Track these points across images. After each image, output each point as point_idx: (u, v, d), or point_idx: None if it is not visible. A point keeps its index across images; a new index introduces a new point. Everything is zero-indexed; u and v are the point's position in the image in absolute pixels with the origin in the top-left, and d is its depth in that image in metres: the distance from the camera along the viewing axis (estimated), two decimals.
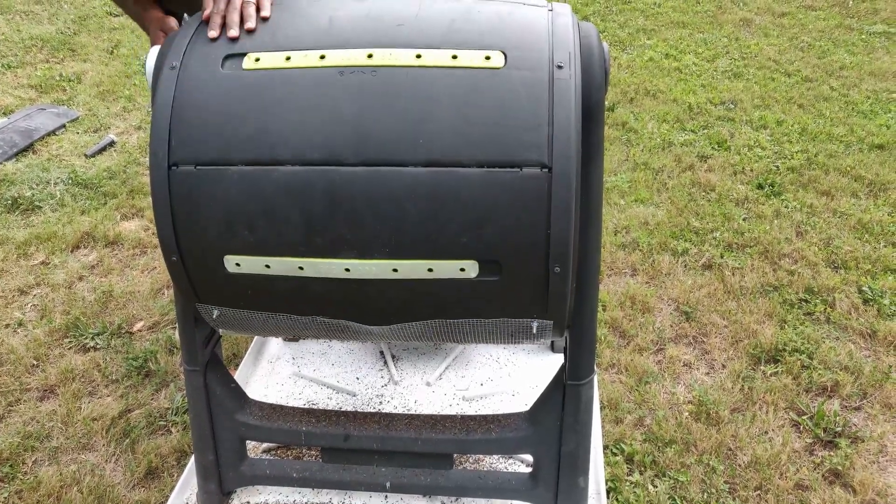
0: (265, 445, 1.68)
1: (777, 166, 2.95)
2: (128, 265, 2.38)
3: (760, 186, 2.79)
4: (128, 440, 1.72)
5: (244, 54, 1.14)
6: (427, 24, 1.15)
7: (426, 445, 1.42)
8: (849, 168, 2.89)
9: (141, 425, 1.76)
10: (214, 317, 1.31)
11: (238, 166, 1.11)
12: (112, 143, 3.16)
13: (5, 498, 1.59)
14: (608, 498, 1.50)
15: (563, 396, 1.35)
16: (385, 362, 1.95)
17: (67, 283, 2.28)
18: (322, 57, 1.12)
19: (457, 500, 1.55)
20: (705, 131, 3.29)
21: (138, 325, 2.12)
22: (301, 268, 1.17)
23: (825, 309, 2.09)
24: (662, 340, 2.00)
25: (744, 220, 2.57)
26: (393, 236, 1.13)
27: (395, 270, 1.15)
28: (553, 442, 1.39)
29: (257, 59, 1.13)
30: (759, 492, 1.53)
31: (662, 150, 3.11)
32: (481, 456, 1.65)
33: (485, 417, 1.45)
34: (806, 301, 2.13)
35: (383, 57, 1.11)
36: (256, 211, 1.13)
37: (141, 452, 1.68)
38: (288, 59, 1.12)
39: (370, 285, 1.19)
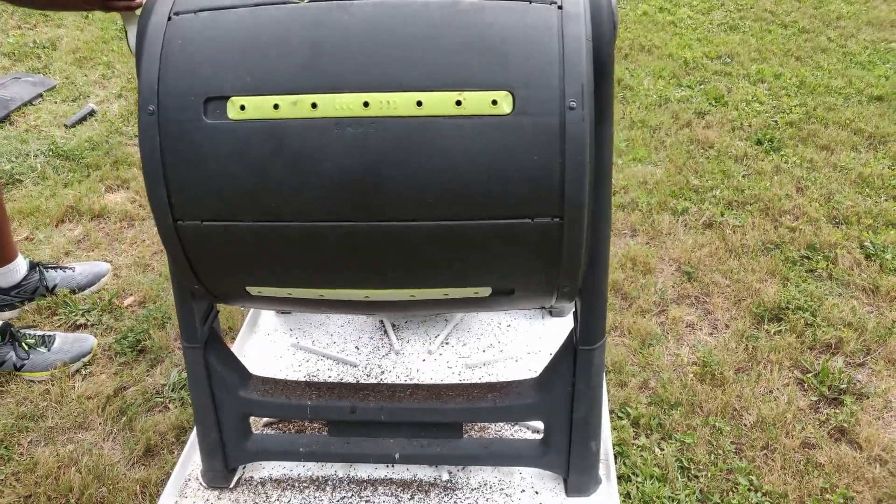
0: (265, 419, 1.65)
1: (776, 121, 2.90)
2: (115, 238, 2.32)
3: (759, 142, 2.75)
4: (125, 418, 1.68)
5: (226, 98, 1.05)
6: (424, 52, 1.04)
7: (434, 415, 1.40)
8: (848, 121, 2.85)
9: (137, 402, 1.72)
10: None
11: (244, 222, 1.09)
12: (92, 113, 3.05)
13: (1, 480, 1.55)
14: (616, 462, 1.49)
15: (574, 361, 1.33)
16: (385, 331, 1.92)
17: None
18: (314, 105, 1.04)
19: (463, 468, 1.53)
20: (702, 87, 3.23)
21: (128, 301, 2.06)
22: (322, 295, 1.21)
23: (827, 265, 2.07)
24: (665, 302, 1.98)
25: (743, 176, 2.53)
26: (410, 277, 1.15)
27: (412, 296, 1.19)
28: (564, 408, 1.37)
29: (242, 108, 1.05)
30: (765, 451, 1.52)
31: (659, 106, 3.05)
32: (486, 424, 1.64)
33: (493, 385, 1.42)
34: (808, 258, 2.11)
35: (381, 106, 1.03)
36: (272, 258, 1.13)
37: (139, 430, 1.65)
38: (276, 107, 1.04)
39: (388, 303, 1.25)
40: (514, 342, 1.86)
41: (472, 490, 1.48)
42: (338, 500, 1.47)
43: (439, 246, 1.11)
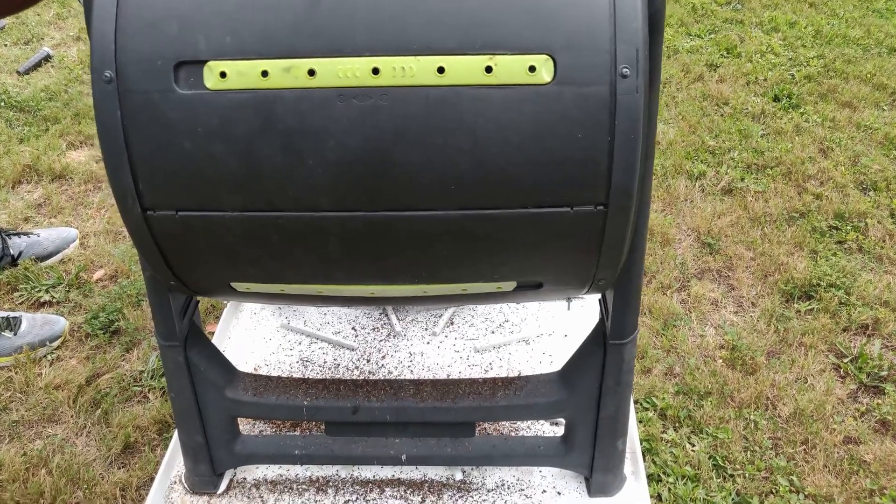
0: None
1: (792, 75, 2.72)
2: (80, 203, 2.11)
3: (777, 98, 2.57)
4: (99, 410, 1.52)
5: (203, 62, 0.85)
6: (448, 7, 0.85)
7: (447, 415, 1.25)
8: (869, 75, 2.68)
9: (113, 392, 1.56)
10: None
11: (229, 212, 0.90)
12: (48, 58, 2.78)
13: None
14: (644, 460, 1.36)
15: (604, 357, 1.18)
16: (384, 311, 1.76)
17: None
18: (311, 72, 0.84)
19: (476, 467, 1.40)
20: (713, 36, 3.03)
21: (98, 274, 1.88)
22: (320, 291, 1.04)
23: (857, 237, 1.93)
24: (686, 276, 1.84)
25: (762, 136, 2.37)
26: (422, 272, 0.99)
27: (424, 292, 1.04)
28: (590, 405, 1.23)
29: (223, 75, 0.84)
30: (804, 447, 1.41)
31: (668, 58, 2.85)
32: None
33: (511, 380, 1.28)
34: (836, 228, 1.97)
35: (394, 73, 0.84)
36: (261, 253, 0.95)
37: (116, 424, 1.49)
38: (265, 74, 0.84)
39: (396, 299, 1.11)
40: (525, 322, 1.72)
41: (489, 491, 1.35)
42: None
43: (460, 239, 0.94)
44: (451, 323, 1.72)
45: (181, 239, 0.96)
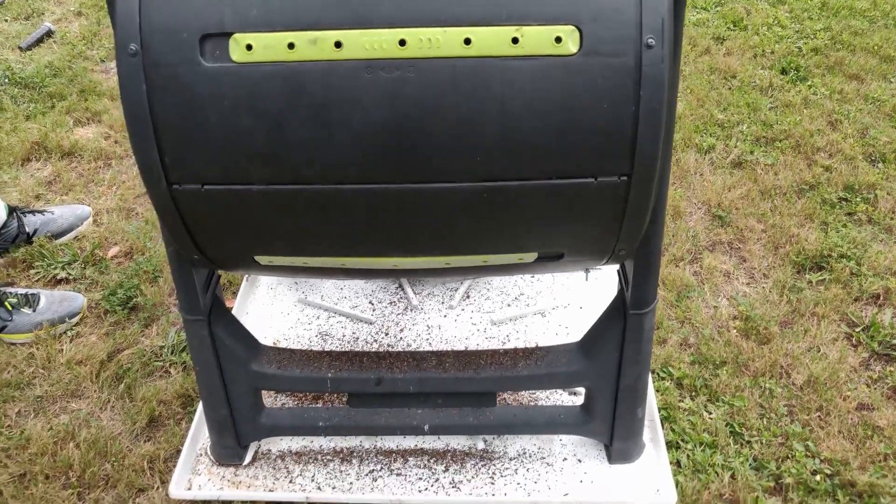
0: None
1: (800, 47, 2.71)
2: (91, 180, 2.11)
3: (784, 71, 2.56)
4: (122, 385, 1.54)
5: (228, 35, 0.85)
6: None
7: (469, 385, 1.27)
8: (876, 47, 2.67)
9: (135, 367, 1.58)
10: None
11: (255, 185, 0.91)
12: (50, 33, 2.75)
13: None
14: (663, 427, 1.39)
15: (624, 326, 1.20)
16: (399, 285, 1.78)
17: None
18: (338, 44, 0.84)
19: (498, 436, 1.42)
20: (718, 9, 3.01)
21: (113, 251, 1.89)
22: (342, 264, 1.06)
23: (867, 208, 1.94)
24: (697, 249, 1.85)
25: (770, 109, 2.36)
26: (445, 244, 1.00)
27: (447, 263, 1.05)
28: (610, 374, 1.25)
29: (249, 48, 0.85)
30: (819, 414, 1.43)
31: None
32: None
33: (532, 351, 1.30)
34: (846, 200, 1.98)
35: (421, 45, 0.84)
36: (287, 225, 0.97)
37: (140, 399, 1.51)
38: (291, 47, 0.84)
39: (418, 271, 1.12)
40: (540, 295, 1.73)
41: (511, 459, 1.38)
42: (366, 474, 1.36)
43: (484, 210, 0.96)
44: (468, 296, 1.74)
45: (206, 213, 0.97)
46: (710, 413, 1.43)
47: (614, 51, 0.87)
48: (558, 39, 0.86)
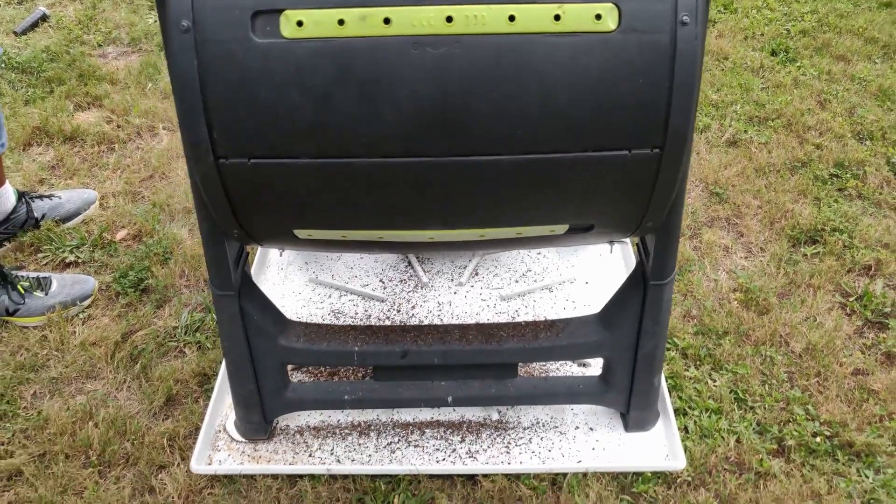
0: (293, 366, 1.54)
1: (788, 29, 2.78)
2: (95, 164, 2.10)
3: (774, 53, 2.63)
4: (138, 365, 1.55)
5: (279, 11, 0.87)
6: None
7: (492, 356, 1.31)
8: (861, 29, 2.75)
9: (150, 348, 1.59)
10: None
11: (301, 159, 0.93)
12: (45, 17, 2.72)
13: (9, 438, 1.42)
14: (670, 396, 1.44)
15: (644, 297, 1.25)
16: (409, 263, 1.80)
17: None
18: (387, 21, 0.87)
19: (512, 406, 1.46)
20: None
21: (121, 234, 1.88)
22: (381, 237, 1.09)
23: (856, 184, 2.01)
24: (697, 225, 1.91)
25: (762, 90, 2.43)
26: (484, 216, 1.04)
27: (482, 236, 1.09)
28: (629, 345, 1.30)
29: (300, 24, 0.87)
30: (818, 379, 1.50)
31: None
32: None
33: (552, 323, 1.34)
34: (837, 176, 2.05)
35: (467, 21, 0.87)
36: (330, 200, 0.99)
37: (156, 378, 1.52)
38: (341, 23, 0.87)
39: (453, 244, 1.14)
40: (546, 271, 1.78)
41: (525, 429, 1.42)
42: (384, 447, 1.40)
43: (523, 182, 0.99)
44: (476, 273, 1.77)
45: (251, 186, 0.99)
46: (715, 381, 1.49)
47: (651, 27, 0.90)
48: (598, 16, 0.89)
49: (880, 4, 2.94)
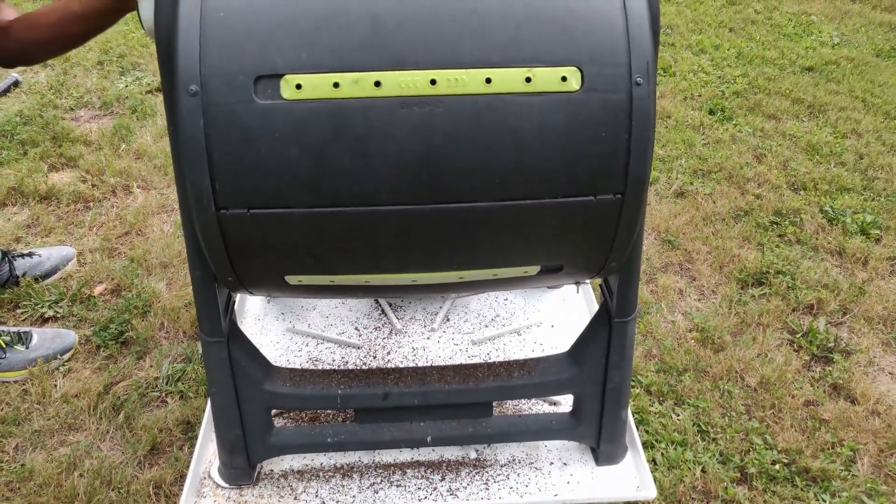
0: (275, 411, 1.58)
1: (722, 91, 3.02)
2: (71, 222, 2.14)
3: (712, 112, 2.85)
4: (121, 416, 1.57)
5: (280, 76, 0.98)
6: (493, 26, 1.01)
7: (469, 396, 1.38)
8: (788, 91, 3.00)
9: (132, 398, 1.61)
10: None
11: (297, 209, 1.02)
12: (17, 83, 2.78)
13: None
14: (637, 430, 1.53)
15: (609, 334, 1.35)
16: (382, 311, 1.88)
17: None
18: (377, 84, 0.98)
19: (488, 445, 1.53)
20: None
21: (99, 289, 1.92)
22: (367, 281, 1.17)
23: (795, 230, 2.18)
24: (652, 270, 2.04)
25: (704, 145, 2.62)
26: (463, 259, 1.13)
27: (461, 277, 1.17)
28: (597, 380, 1.39)
29: (298, 87, 0.97)
30: (773, 410, 1.61)
31: None
32: (503, 401, 1.64)
33: (525, 362, 1.42)
34: (776, 223, 2.22)
35: (449, 83, 0.99)
36: (322, 246, 1.08)
37: (140, 428, 1.54)
38: (336, 86, 0.98)
39: (433, 286, 1.23)
40: (514, 315, 1.87)
41: (503, 466, 1.48)
42: (368, 487, 1.44)
43: (499, 226, 1.09)
44: (447, 319, 1.85)
45: (249, 235, 1.07)
46: (678, 415, 1.59)
47: (610, 87, 1.03)
48: (564, 78, 1.02)
49: (803, 69, 3.22)
